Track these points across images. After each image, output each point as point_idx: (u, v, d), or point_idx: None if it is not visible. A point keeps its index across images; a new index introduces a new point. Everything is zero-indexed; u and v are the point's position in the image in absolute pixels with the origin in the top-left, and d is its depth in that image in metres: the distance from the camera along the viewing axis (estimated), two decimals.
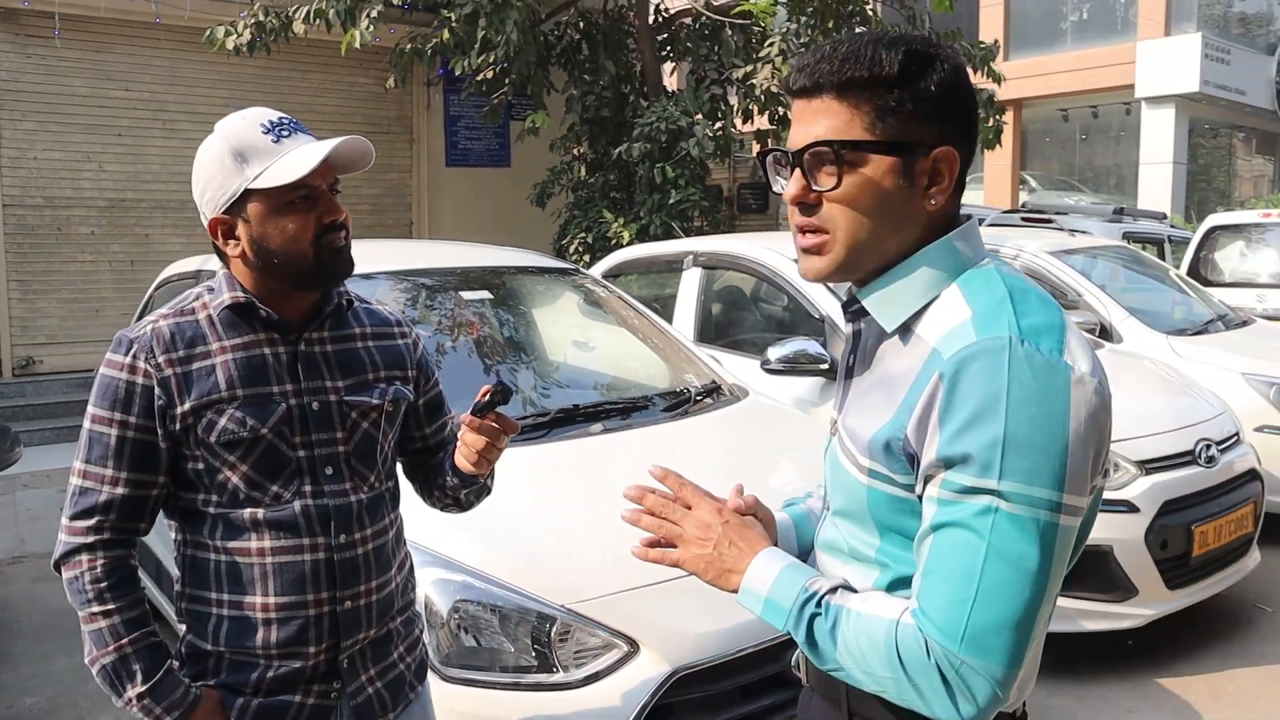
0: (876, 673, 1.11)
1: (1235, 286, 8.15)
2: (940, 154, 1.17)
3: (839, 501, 1.26)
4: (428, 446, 1.88)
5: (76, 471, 1.56)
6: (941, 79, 1.16)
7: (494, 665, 2.21)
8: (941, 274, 1.18)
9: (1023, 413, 1.05)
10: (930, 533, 1.10)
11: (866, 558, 1.22)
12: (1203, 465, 4.04)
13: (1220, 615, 4.34)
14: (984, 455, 1.05)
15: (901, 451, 1.13)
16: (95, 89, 9.20)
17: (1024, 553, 1.05)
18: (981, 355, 1.07)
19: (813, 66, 1.18)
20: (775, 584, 1.20)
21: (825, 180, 1.17)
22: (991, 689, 1.06)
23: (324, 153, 1.52)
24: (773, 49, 8.20)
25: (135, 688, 1.52)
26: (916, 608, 1.10)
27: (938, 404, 1.09)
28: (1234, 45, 19.41)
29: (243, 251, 1.56)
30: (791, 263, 4.84)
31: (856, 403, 1.25)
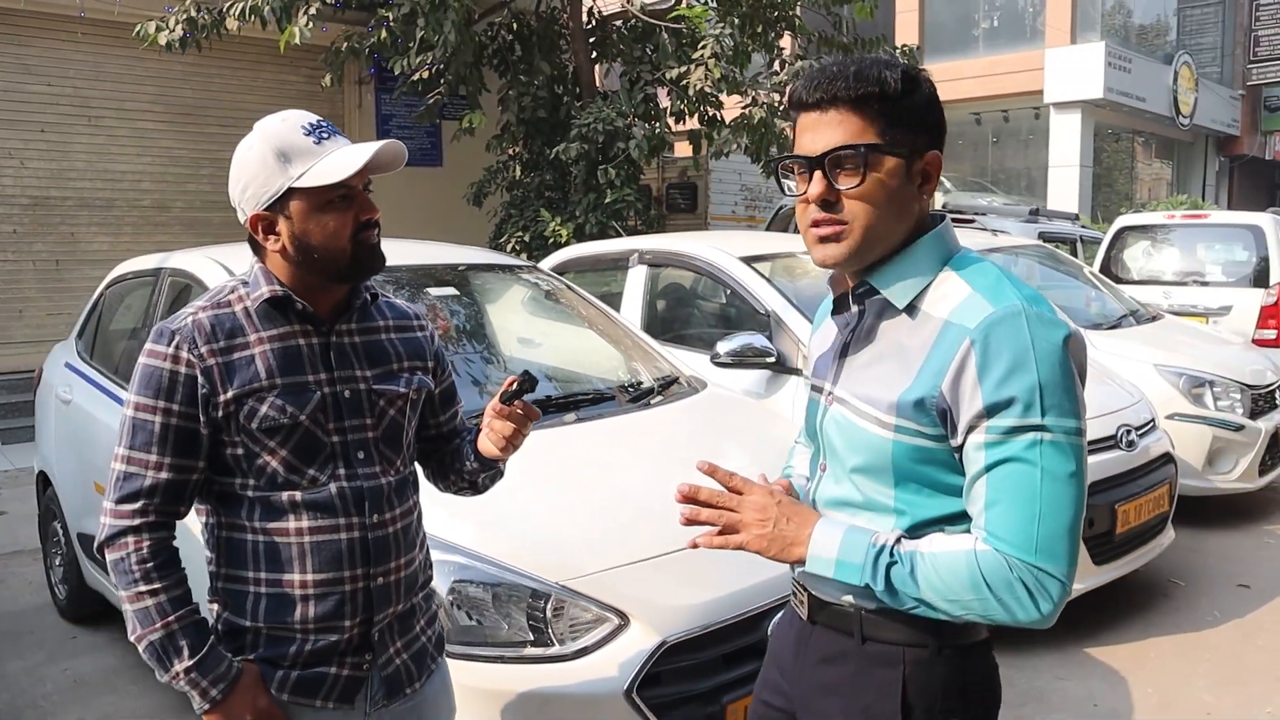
0: (962, 598, 1.32)
1: (1143, 284, 8.59)
2: (930, 157, 1.41)
3: (856, 459, 1.44)
4: (441, 434, 1.99)
5: (120, 458, 1.63)
6: (925, 95, 1.40)
7: (492, 641, 2.33)
8: (936, 260, 1.42)
9: (1046, 362, 1.29)
10: (984, 473, 1.31)
11: (884, 507, 1.42)
12: (1124, 449, 4.32)
13: (1140, 589, 4.66)
14: (1026, 398, 1.28)
15: (934, 408, 1.34)
16: (15, 84, 8.98)
17: (1068, 471, 1.29)
18: (1004, 320, 1.31)
19: (826, 84, 1.38)
20: (842, 546, 1.38)
21: (846, 180, 1.38)
22: (1062, 586, 1.30)
23: (368, 155, 1.62)
24: (705, 51, 8.38)
25: (183, 662, 1.60)
26: (987, 535, 1.32)
27: (973, 364, 1.31)
28: (1135, 54, 20.28)
29: (283, 246, 1.65)
30: (737, 260, 5.02)
31: (862, 374, 1.45)
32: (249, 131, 1.68)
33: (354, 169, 1.61)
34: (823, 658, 1.51)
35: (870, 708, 1.44)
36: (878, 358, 1.44)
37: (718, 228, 11.82)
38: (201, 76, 9.69)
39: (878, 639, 1.44)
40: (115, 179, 9.46)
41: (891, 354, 1.42)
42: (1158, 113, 20.82)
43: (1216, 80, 23.91)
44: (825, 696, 1.50)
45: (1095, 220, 16.92)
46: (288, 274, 1.69)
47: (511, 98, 9.22)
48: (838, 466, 1.49)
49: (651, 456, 3.06)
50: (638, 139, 8.06)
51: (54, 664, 4.12)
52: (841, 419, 1.47)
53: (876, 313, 1.46)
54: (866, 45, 10.01)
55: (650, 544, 2.52)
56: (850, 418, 1.45)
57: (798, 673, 1.56)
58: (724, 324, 5.31)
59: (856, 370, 1.47)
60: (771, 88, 8.90)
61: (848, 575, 1.38)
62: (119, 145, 9.43)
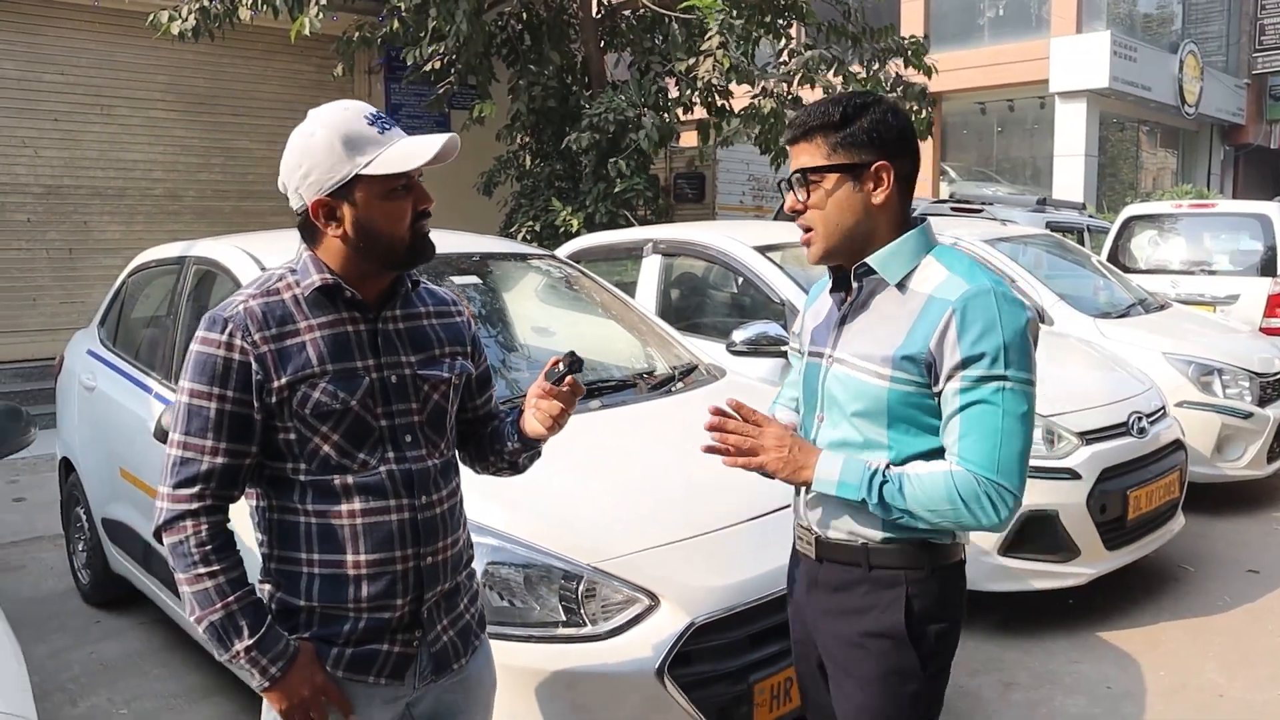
0: (940, 509, 1.69)
1: (1151, 273, 8.62)
2: (878, 166, 1.76)
3: (857, 405, 1.78)
4: (478, 417, 2.04)
5: (175, 444, 1.67)
6: (872, 120, 1.75)
7: (525, 621, 2.39)
8: (920, 249, 1.80)
9: (1009, 328, 1.67)
10: (958, 411, 1.69)
11: (879, 445, 1.78)
12: (1135, 436, 4.37)
13: (1151, 574, 4.71)
14: (993, 353, 1.66)
15: (922, 362, 1.71)
16: (28, 73, 9.02)
17: (1022, 411, 1.69)
18: (978, 295, 1.69)
19: (794, 124, 1.82)
20: (843, 470, 1.76)
21: (801, 195, 1.81)
22: (1015, 499, 1.69)
23: (438, 147, 1.67)
24: (713, 41, 8.40)
25: (243, 641, 1.65)
26: (959, 459, 1.69)
27: (954, 327, 1.68)
28: (1140, 43, 20.20)
29: (344, 232, 1.70)
30: (751, 250, 5.08)
31: (859, 337, 1.81)
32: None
33: (424, 159, 1.66)
34: (834, 587, 1.86)
35: (881, 620, 1.79)
36: (873, 324, 1.80)
37: (725, 218, 11.85)
38: (213, 66, 9.72)
39: (883, 565, 1.80)
40: (127, 168, 9.50)
41: (884, 321, 1.78)
42: (1163, 102, 20.76)
43: (1222, 69, 23.83)
44: (839, 618, 1.85)
45: (1100, 210, 16.92)
46: (341, 261, 1.73)
47: (521, 87, 9.25)
48: (837, 414, 1.83)
49: (675, 443, 3.10)
50: (648, 129, 8.08)
51: (79, 648, 4.18)
52: (843, 375, 1.81)
53: (871, 290, 1.82)
54: (875, 35, 10.02)
55: (678, 527, 2.58)
56: (851, 373, 1.79)
57: (811, 604, 1.91)
58: (738, 313, 5.35)
59: (854, 335, 1.82)
60: (780, 78, 8.92)
61: (848, 493, 1.74)
62: (131, 134, 9.46)
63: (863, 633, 1.81)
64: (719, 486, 2.56)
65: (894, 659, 1.79)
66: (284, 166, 1.73)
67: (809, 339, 1.96)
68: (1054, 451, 4.13)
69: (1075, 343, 5.34)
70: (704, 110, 9.31)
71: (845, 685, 1.85)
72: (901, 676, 1.79)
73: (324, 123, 1.69)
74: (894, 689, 1.80)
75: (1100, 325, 5.97)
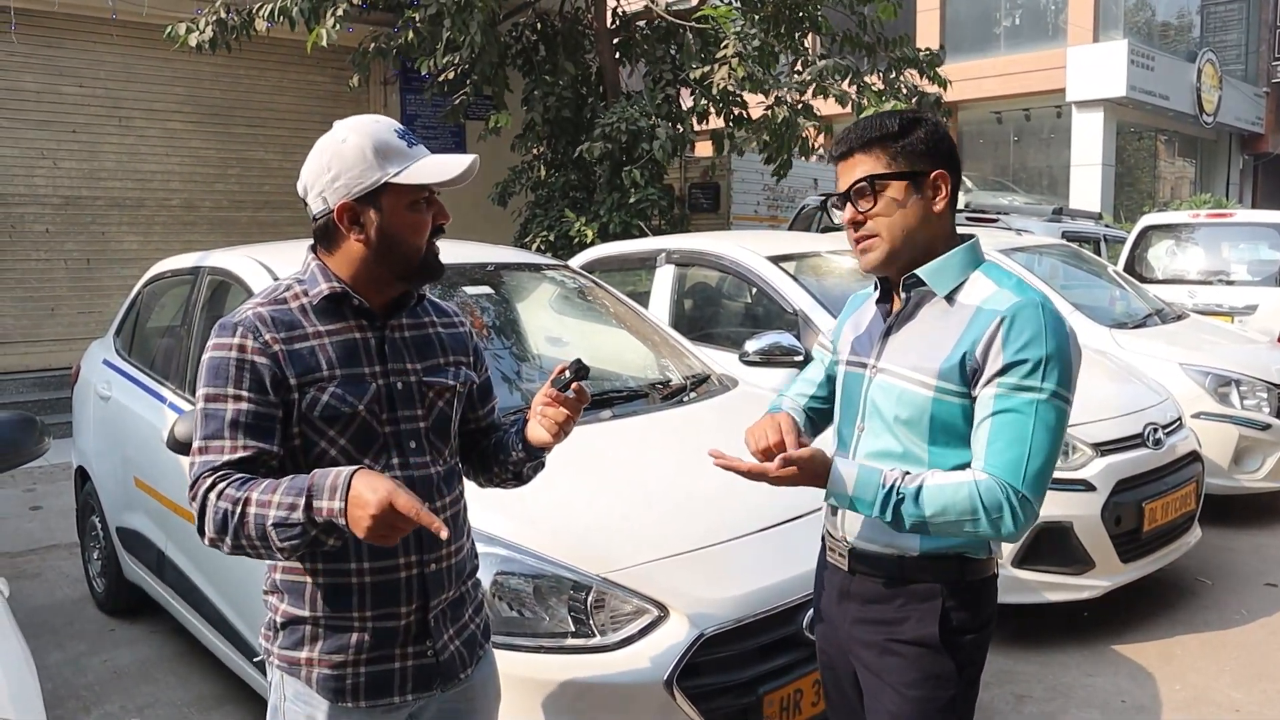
0: (960, 518, 1.69)
1: (1168, 283, 8.56)
2: (936, 175, 1.79)
3: (901, 413, 1.80)
4: (480, 428, 2.04)
5: (195, 450, 1.66)
6: (926, 131, 1.80)
7: (534, 631, 2.38)
8: (969, 263, 1.83)
9: (1053, 342, 1.69)
10: (990, 416, 1.70)
11: (919, 459, 1.79)
12: (1151, 447, 4.34)
13: (1167, 587, 4.67)
14: (1035, 362, 1.68)
15: (969, 369, 1.73)
16: (48, 85, 9.11)
17: (1053, 426, 1.69)
18: (1026, 307, 1.71)
19: (845, 139, 1.84)
20: (857, 485, 1.73)
21: (865, 204, 1.81)
22: (1035, 510, 1.70)
23: (464, 165, 1.71)
24: (728, 50, 8.41)
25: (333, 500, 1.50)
26: (985, 466, 1.70)
27: (1000, 335, 1.70)
28: (1158, 52, 20.15)
29: (366, 237, 1.72)
30: (765, 260, 5.07)
31: (906, 347, 1.82)
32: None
33: (451, 174, 1.71)
34: (867, 599, 1.88)
35: (916, 630, 1.81)
36: (920, 335, 1.82)
37: (740, 227, 11.85)
38: (230, 77, 9.80)
39: (919, 579, 1.83)
40: (145, 179, 9.58)
41: (932, 332, 1.80)
42: (1181, 111, 20.69)
43: (1240, 78, 23.73)
44: (872, 627, 1.86)
45: (1117, 220, 16.84)
46: (354, 268, 1.75)
47: (536, 98, 9.28)
48: (879, 424, 1.84)
49: (686, 452, 3.10)
50: (661, 139, 8.10)
51: (94, 655, 4.20)
52: (887, 384, 1.83)
53: (918, 301, 1.84)
54: (889, 45, 10.02)
55: (688, 538, 2.57)
56: (895, 382, 1.81)
57: (843, 614, 1.93)
58: (751, 323, 5.34)
59: (901, 345, 1.84)
60: (794, 87, 8.93)
61: (862, 509, 1.74)
62: (149, 145, 9.54)
63: (897, 640, 1.83)
64: (729, 496, 2.56)
65: (930, 664, 1.82)
66: (308, 171, 1.75)
67: (848, 349, 1.97)
68: (1069, 463, 4.10)
69: (1091, 353, 5.29)
70: (719, 120, 9.32)
71: (883, 694, 1.87)
72: (939, 681, 1.82)
73: (356, 130, 1.73)
74: (932, 693, 1.83)
75: (1116, 336, 5.93)
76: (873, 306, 1.96)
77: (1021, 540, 3.65)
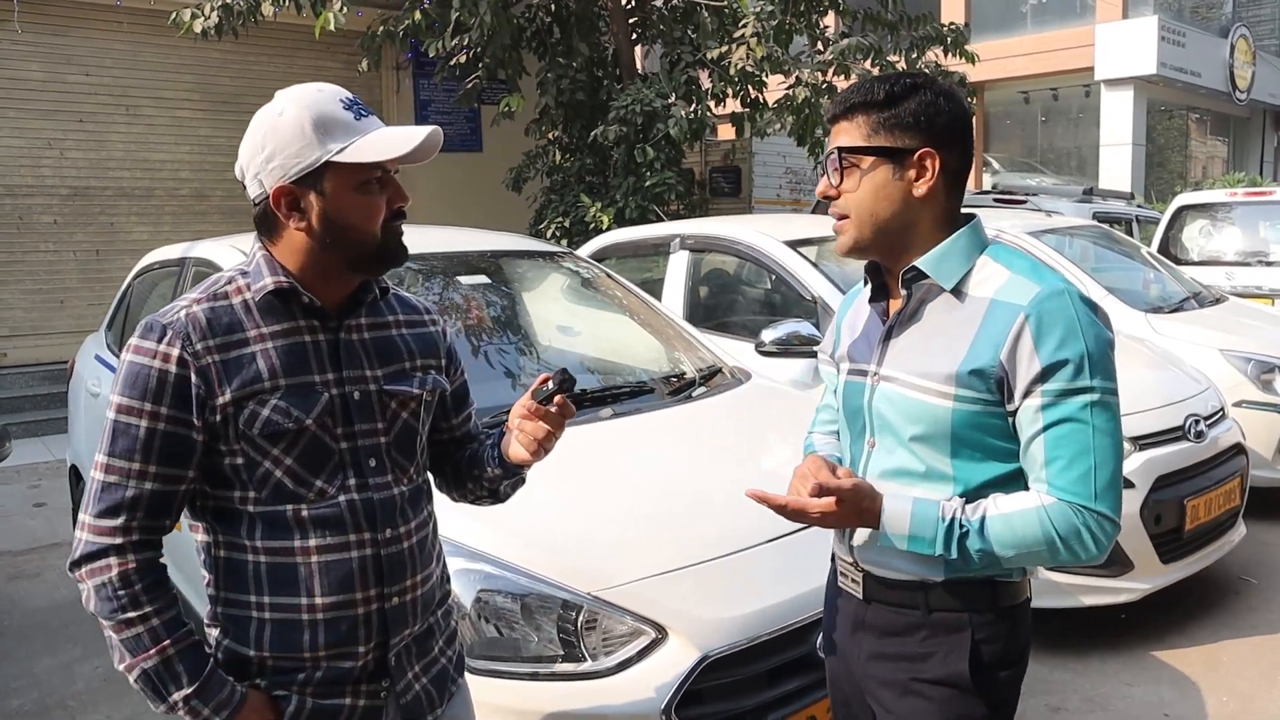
0: (1033, 549, 1.49)
1: (1204, 265, 8.26)
2: (922, 153, 1.56)
3: (915, 429, 1.57)
4: (454, 438, 1.83)
5: (99, 465, 1.48)
6: (921, 101, 1.56)
7: (520, 655, 2.18)
8: (973, 248, 1.60)
9: (1090, 332, 1.48)
10: (1042, 432, 1.48)
11: (943, 475, 1.56)
12: (1192, 440, 4.09)
13: (1210, 588, 4.42)
14: (1077, 361, 1.46)
15: (992, 376, 1.50)
16: (54, 74, 8.99)
17: (1112, 427, 1.49)
18: (1052, 298, 1.49)
19: (835, 102, 1.63)
20: (914, 523, 1.52)
21: (836, 178, 1.61)
22: (1116, 527, 1.49)
23: (420, 138, 1.49)
24: (746, 29, 8.17)
25: (181, 690, 1.47)
26: (1049, 488, 1.48)
27: (1029, 334, 1.47)
28: (1189, 28, 19.65)
29: (308, 225, 1.50)
30: (782, 245, 4.85)
31: (912, 352, 1.59)
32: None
33: (404, 150, 1.49)
34: (885, 631, 1.65)
35: (943, 667, 1.59)
36: (928, 336, 1.59)
37: (762, 211, 11.60)
38: (239, 64, 9.64)
39: (944, 608, 1.60)
40: (154, 168, 9.44)
41: (942, 332, 1.57)
42: (1213, 88, 20.17)
43: (1275, 53, 23.13)
44: (892, 663, 1.64)
45: (1148, 200, 16.43)
46: (302, 260, 1.54)
47: (550, 80, 9.06)
48: (891, 439, 1.62)
49: (692, 453, 2.90)
50: (677, 119, 7.86)
51: (86, 661, 4.05)
52: (894, 394, 1.60)
53: (921, 297, 1.61)
54: (912, 23, 9.72)
55: (690, 550, 2.36)
56: (904, 392, 1.58)
57: (857, 647, 1.70)
58: (769, 310, 5.13)
59: (906, 349, 1.61)
60: (815, 67, 8.66)
61: (920, 547, 1.53)
62: (157, 135, 9.41)
63: (922, 679, 1.61)
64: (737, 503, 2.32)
65: (959, 707, 1.60)
66: (244, 149, 1.54)
67: (846, 355, 1.74)
68: None
69: (1126, 340, 5.04)
70: (738, 102, 9.08)
71: None
72: None
73: (295, 101, 1.50)
74: None
75: (1152, 321, 5.67)
76: (866, 305, 1.73)
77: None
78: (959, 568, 1.56)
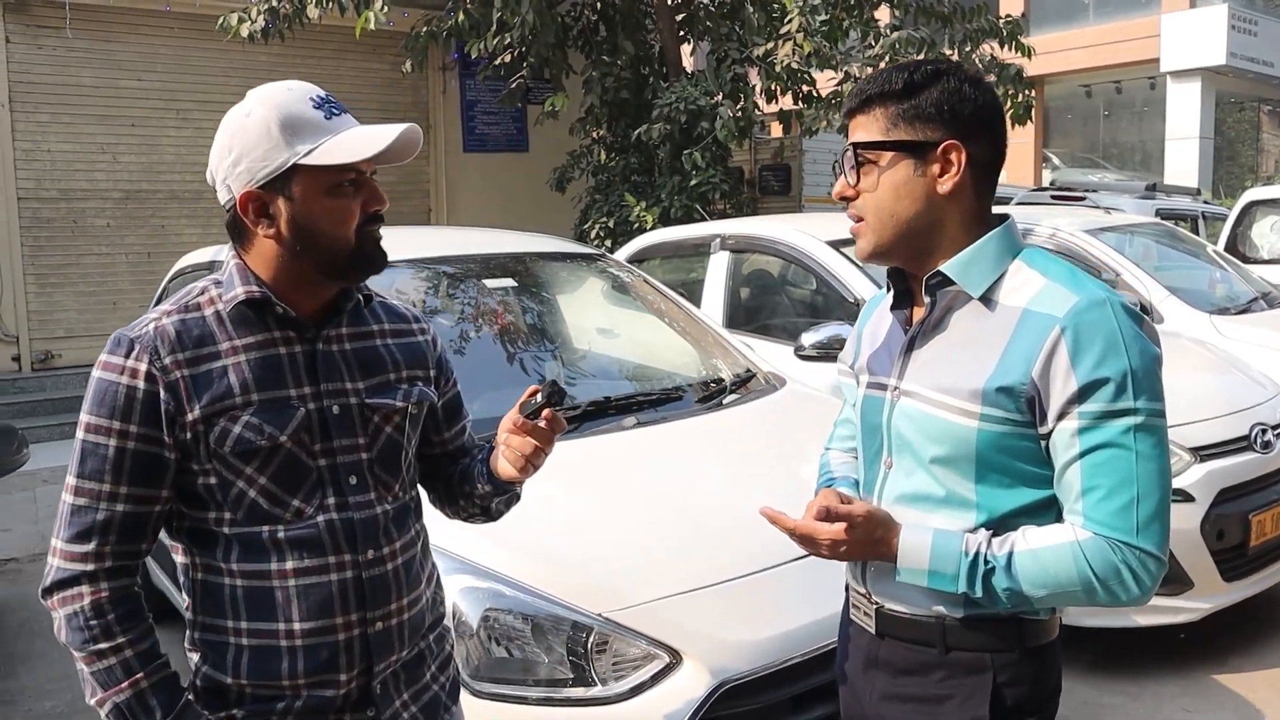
0: (1066, 589, 1.36)
1: (1274, 263, 7.93)
2: (946, 146, 1.42)
3: (937, 450, 1.44)
4: (447, 452, 1.74)
5: (69, 488, 1.42)
6: (944, 90, 1.43)
7: (527, 678, 2.09)
8: (1005, 253, 1.46)
9: (1134, 348, 1.34)
10: (1079, 458, 1.35)
11: (965, 501, 1.43)
12: (1259, 451, 3.87)
13: (1276, 607, 4.18)
14: (1119, 380, 1.32)
15: (1023, 395, 1.37)
16: (106, 79, 9.12)
17: (1158, 453, 1.35)
18: (1091, 308, 1.35)
19: (851, 95, 1.52)
20: (934, 558, 1.41)
21: (853, 178, 1.48)
22: (1161, 564, 1.35)
23: (392, 136, 1.41)
24: (793, 25, 8.02)
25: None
26: (1085, 521, 1.35)
27: (1065, 349, 1.34)
28: (1261, 15, 19.05)
29: (277, 232, 1.43)
30: (824, 245, 4.71)
31: (937, 364, 1.46)
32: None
33: (374, 150, 1.40)
34: (899, 670, 1.52)
35: (962, 712, 1.46)
36: (952, 348, 1.46)
37: (812, 209, 11.40)
38: (285, 67, 9.67)
39: (963, 647, 1.46)
40: (203, 171, 9.21)
41: (967, 343, 1.44)
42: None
43: None
44: (906, 706, 1.52)
45: (1216, 196, 15.92)
46: (273, 268, 1.46)
47: (595, 79, 8.98)
48: (910, 460, 1.49)
49: (718, 465, 2.78)
50: (724, 118, 7.72)
51: None
52: (915, 411, 1.47)
53: (946, 305, 1.48)
54: (966, 15, 9.47)
55: (709, 570, 2.24)
56: (926, 409, 1.45)
57: (869, 685, 1.57)
58: (811, 313, 5.00)
59: (929, 362, 1.48)
60: (866, 61, 8.47)
61: (942, 584, 1.41)
62: (206, 138, 9.23)
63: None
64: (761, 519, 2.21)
65: None
66: (213, 153, 1.48)
67: (866, 367, 1.61)
68: None
69: (1188, 343, 4.82)
70: (788, 100, 8.91)
71: None
72: None
73: (263, 102, 1.44)
74: None
75: (1217, 323, 5.41)
76: (888, 313, 1.59)
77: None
78: (982, 604, 1.42)
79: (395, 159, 1.46)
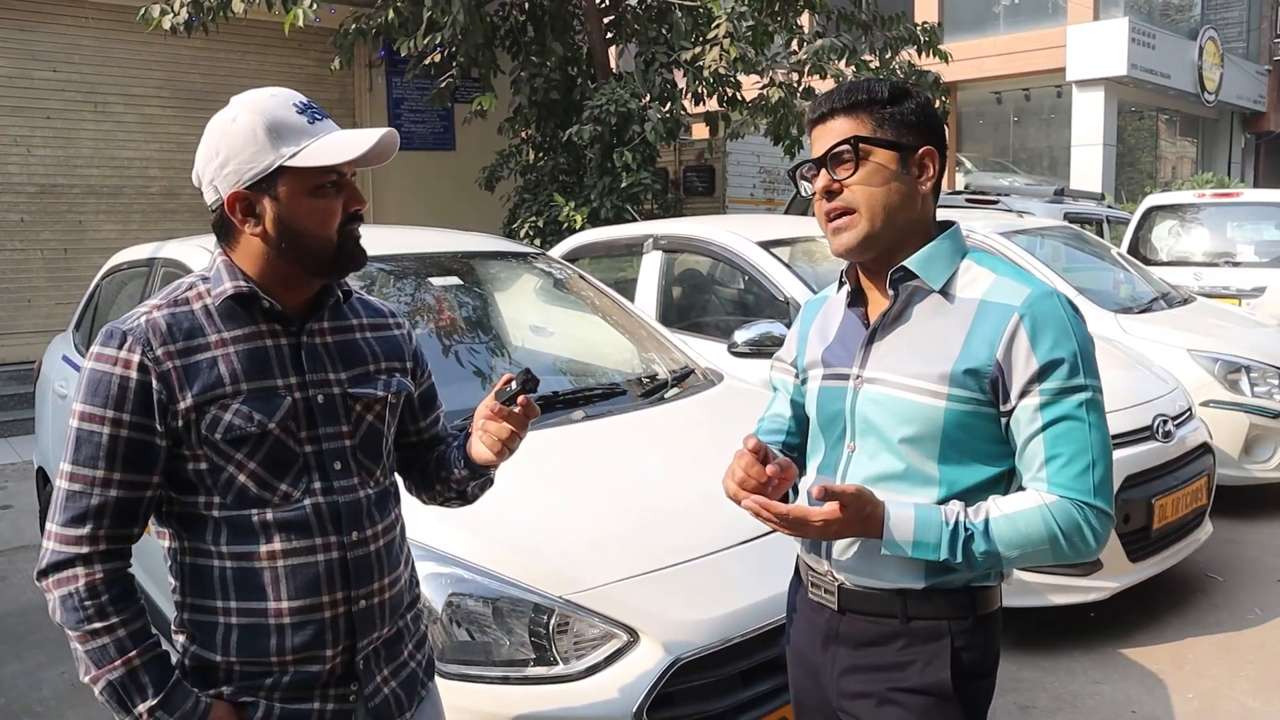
0: (1038, 547, 1.50)
1: (1173, 265, 8.33)
2: (925, 151, 1.59)
3: (905, 430, 1.56)
4: (422, 440, 1.83)
5: (64, 474, 1.48)
6: (917, 104, 1.60)
7: (492, 659, 2.18)
8: (955, 252, 1.63)
9: (1079, 332, 1.52)
10: (1041, 430, 1.50)
11: (928, 478, 1.56)
12: (1160, 440, 4.12)
13: (1177, 586, 4.46)
14: (1071, 361, 1.49)
15: (987, 376, 1.52)
16: (21, 69, 8.87)
17: (1103, 423, 1.51)
18: (1042, 299, 1.52)
19: (825, 101, 1.61)
20: (918, 528, 1.51)
21: (844, 171, 1.57)
22: (1110, 519, 1.52)
23: (372, 141, 1.49)
24: (719, 30, 8.18)
25: (146, 701, 1.46)
26: (1050, 486, 1.50)
27: (1023, 334, 1.50)
28: (1159, 30, 19.84)
29: (263, 230, 1.50)
30: (755, 245, 4.85)
31: (902, 352, 1.59)
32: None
33: (357, 153, 1.48)
34: (860, 642, 1.63)
35: (923, 677, 1.58)
36: (917, 337, 1.59)
37: (736, 211, 11.60)
38: (209, 61, 9.55)
39: (923, 616, 1.59)
40: (123, 166, 9.33)
41: (932, 332, 1.58)
42: (1182, 89, 20.37)
43: (1242, 55, 23.39)
44: (867, 674, 1.62)
45: (1119, 200, 16.58)
46: (260, 265, 1.54)
47: (523, 79, 9.03)
48: (875, 442, 1.61)
49: (664, 456, 2.90)
50: (653, 121, 7.85)
51: (53, 666, 4.00)
52: (881, 396, 1.59)
53: (906, 299, 1.61)
54: (885, 23, 9.76)
55: (661, 553, 2.36)
56: (895, 394, 1.57)
57: (828, 663, 1.67)
58: (742, 311, 5.14)
59: (894, 350, 1.60)
60: (790, 68, 8.67)
61: (925, 553, 1.52)
62: (126, 132, 9.29)
63: (900, 689, 1.60)
64: (708, 506, 2.34)
65: (938, 717, 1.59)
66: (199, 155, 1.54)
67: (820, 361, 1.70)
68: None
69: (1097, 341, 5.09)
70: (713, 102, 9.08)
71: None
72: None
73: (248, 106, 1.51)
74: None
75: (1122, 321, 5.72)
76: (841, 310, 1.72)
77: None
78: (948, 573, 1.56)
79: (375, 161, 1.54)
